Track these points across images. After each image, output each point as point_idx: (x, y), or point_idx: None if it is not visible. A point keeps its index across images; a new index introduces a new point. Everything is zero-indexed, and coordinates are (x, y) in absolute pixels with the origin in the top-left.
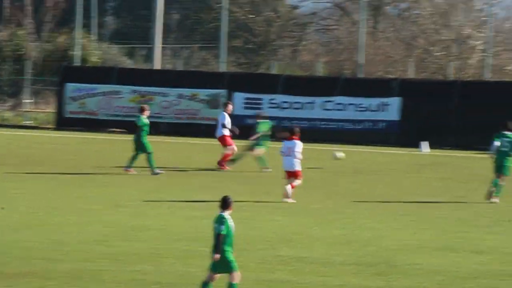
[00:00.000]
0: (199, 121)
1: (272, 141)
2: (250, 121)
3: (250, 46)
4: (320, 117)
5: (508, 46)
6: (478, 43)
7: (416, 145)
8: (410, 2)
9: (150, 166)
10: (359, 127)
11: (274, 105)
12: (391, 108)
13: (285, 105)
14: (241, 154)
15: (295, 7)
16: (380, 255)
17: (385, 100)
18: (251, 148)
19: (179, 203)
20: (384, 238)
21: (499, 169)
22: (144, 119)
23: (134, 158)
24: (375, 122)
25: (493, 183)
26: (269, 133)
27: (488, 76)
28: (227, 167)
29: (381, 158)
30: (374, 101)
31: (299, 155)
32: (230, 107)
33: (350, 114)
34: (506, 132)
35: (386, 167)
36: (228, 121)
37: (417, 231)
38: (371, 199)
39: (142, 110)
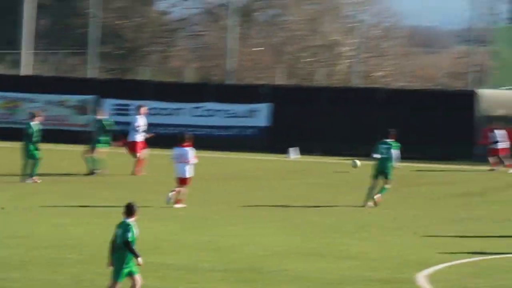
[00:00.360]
0: (67, 128)
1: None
2: (119, 127)
3: (120, 52)
4: (190, 123)
5: (376, 52)
6: (346, 49)
7: (285, 151)
8: (279, 9)
9: (25, 172)
10: (229, 133)
11: None
12: (260, 114)
13: (155, 111)
14: (88, 157)
15: (165, 13)
16: (247, 261)
17: (254, 106)
18: (92, 148)
19: (47, 210)
20: (252, 244)
21: (382, 175)
22: (35, 125)
23: (34, 165)
24: (244, 128)
25: (381, 190)
26: (109, 130)
27: (356, 82)
28: (142, 173)
29: (250, 164)
30: (243, 107)
31: (193, 160)
32: (143, 109)
33: (220, 120)
34: (387, 140)
35: (255, 173)
36: (141, 123)
37: (285, 237)
38: (240, 205)
39: (33, 116)
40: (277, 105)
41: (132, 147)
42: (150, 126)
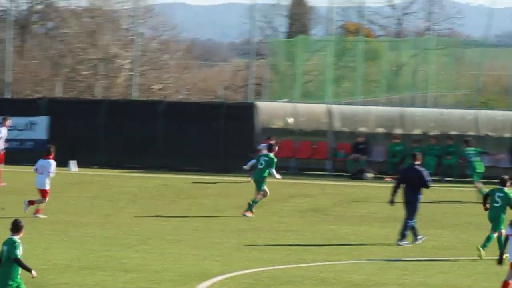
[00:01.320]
0: None
1: None
2: None
3: None
4: None
5: (155, 65)
6: (125, 62)
7: (65, 164)
8: (57, 21)
9: None
10: (7, 147)
11: None
12: (39, 127)
13: None
14: None
15: None
16: (27, 274)
17: (32, 119)
18: None
19: None
20: (32, 257)
21: (257, 186)
22: None
23: None
24: (22, 141)
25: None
26: None
27: (135, 95)
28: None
29: (30, 177)
30: (21, 120)
31: (52, 174)
32: (9, 122)
33: None
34: (267, 153)
35: (34, 186)
36: (4, 135)
37: (65, 250)
38: (19, 218)
39: None
40: (55, 118)
41: None
42: None
